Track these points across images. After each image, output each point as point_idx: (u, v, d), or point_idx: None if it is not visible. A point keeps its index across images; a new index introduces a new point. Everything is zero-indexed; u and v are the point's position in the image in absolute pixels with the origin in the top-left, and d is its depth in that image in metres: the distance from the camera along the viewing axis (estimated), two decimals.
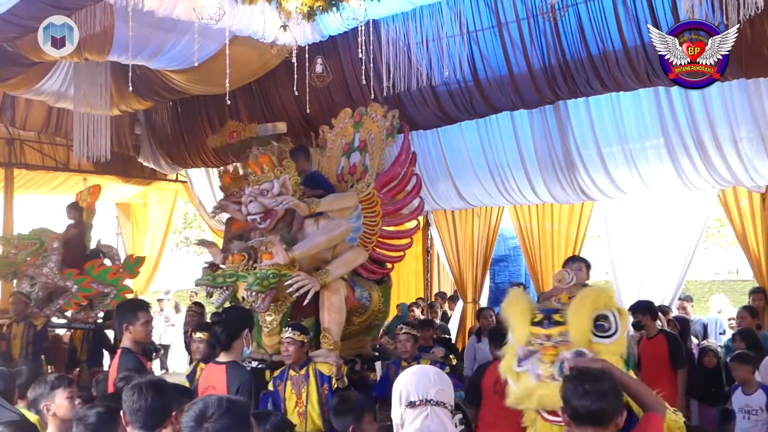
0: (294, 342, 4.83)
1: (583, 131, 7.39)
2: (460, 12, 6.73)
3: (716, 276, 22.09)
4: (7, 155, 10.36)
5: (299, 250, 5.42)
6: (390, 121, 6.08)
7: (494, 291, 10.89)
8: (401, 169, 6.08)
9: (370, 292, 5.95)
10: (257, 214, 5.53)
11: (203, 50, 6.67)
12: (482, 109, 7.37)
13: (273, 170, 5.67)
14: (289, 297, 5.34)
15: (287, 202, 5.43)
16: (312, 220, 5.68)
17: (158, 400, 2.69)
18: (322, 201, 5.61)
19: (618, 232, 8.68)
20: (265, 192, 5.55)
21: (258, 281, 5.12)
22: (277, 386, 4.94)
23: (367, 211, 5.91)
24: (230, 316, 3.98)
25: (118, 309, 4.69)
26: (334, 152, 6.43)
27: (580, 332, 2.95)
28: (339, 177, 6.27)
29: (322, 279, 5.42)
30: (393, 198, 6.08)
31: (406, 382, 2.39)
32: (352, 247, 5.80)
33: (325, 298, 5.47)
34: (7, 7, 5.41)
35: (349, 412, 3.32)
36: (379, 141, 6.09)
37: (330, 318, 5.45)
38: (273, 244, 5.38)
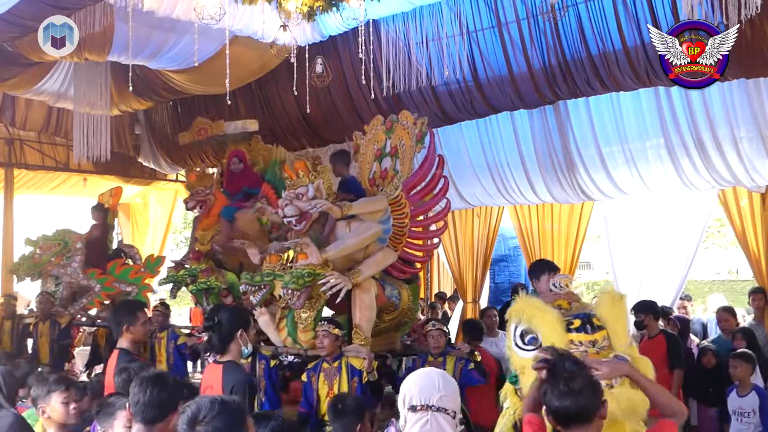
0: (329, 335, 5.22)
1: (583, 131, 7.39)
2: (460, 12, 6.73)
3: (716, 276, 22.12)
4: (7, 155, 10.37)
5: (332, 251, 5.70)
6: (419, 128, 6.26)
7: (494, 291, 10.88)
8: (428, 172, 6.26)
9: (399, 291, 6.19)
10: (293, 216, 5.82)
11: (203, 50, 6.67)
12: (482, 109, 7.37)
13: (308, 175, 5.95)
14: (323, 295, 5.62)
15: (321, 206, 5.73)
16: (344, 223, 5.94)
17: (158, 393, 2.70)
18: (354, 204, 5.89)
19: (618, 232, 8.67)
20: (300, 196, 5.84)
21: (294, 279, 5.42)
22: (311, 377, 5.31)
23: (396, 213, 6.13)
24: (222, 319, 3.97)
25: (116, 310, 4.71)
26: (366, 157, 6.63)
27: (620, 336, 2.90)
28: (371, 181, 6.49)
29: (354, 278, 5.66)
30: (421, 200, 6.26)
31: (411, 386, 2.36)
32: (383, 248, 6.05)
33: (356, 296, 5.73)
34: (7, 7, 5.41)
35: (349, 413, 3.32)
36: (409, 147, 6.28)
37: (361, 315, 5.71)
38: (308, 245, 5.67)
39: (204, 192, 7.79)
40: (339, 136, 8.74)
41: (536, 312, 2.93)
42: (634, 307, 6.49)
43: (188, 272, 7.32)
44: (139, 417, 2.73)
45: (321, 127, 8.64)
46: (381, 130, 6.57)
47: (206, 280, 7.22)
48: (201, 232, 7.83)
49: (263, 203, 7.69)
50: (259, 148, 8.20)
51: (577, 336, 2.84)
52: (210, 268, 7.38)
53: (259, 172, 8.10)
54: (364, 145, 6.68)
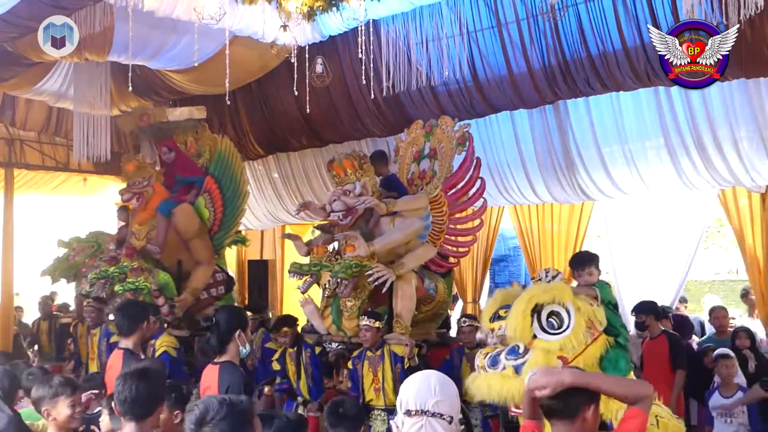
0: (370, 329, 5.59)
1: (583, 131, 7.38)
2: (460, 12, 6.73)
3: (716, 276, 22.07)
4: (7, 155, 10.36)
5: (379, 245, 6.10)
6: (461, 132, 6.59)
7: (494, 291, 10.88)
8: (466, 173, 6.62)
9: (436, 284, 6.55)
10: (340, 211, 6.28)
11: (203, 50, 6.67)
12: (482, 109, 7.37)
13: (355, 173, 6.40)
14: (367, 285, 6.00)
15: (368, 202, 6.16)
16: (388, 219, 6.37)
17: (143, 388, 2.69)
18: (398, 201, 6.31)
19: (618, 232, 8.66)
20: (348, 192, 6.28)
21: (343, 269, 5.82)
22: (356, 365, 5.73)
23: (435, 211, 6.51)
24: (220, 320, 3.97)
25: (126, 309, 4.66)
26: (404, 159, 7.03)
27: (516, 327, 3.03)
28: (409, 181, 6.88)
29: (397, 270, 6.04)
30: (458, 199, 6.60)
31: (407, 390, 2.33)
32: (423, 244, 6.45)
33: (398, 287, 6.09)
34: (7, 7, 5.42)
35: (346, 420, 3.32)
36: (448, 150, 6.62)
37: (402, 305, 6.07)
38: (356, 238, 6.06)
39: (141, 183, 7.50)
40: (339, 136, 8.74)
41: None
42: (635, 308, 6.49)
43: (119, 270, 7.03)
44: (129, 414, 2.72)
45: (321, 127, 8.64)
46: (420, 133, 6.95)
47: (134, 281, 6.88)
48: (137, 227, 7.57)
49: (206, 198, 7.64)
50: (205, 137, 8.04)
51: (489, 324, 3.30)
52: (140, 267, 7.05)
53: (204, 164, 7.90)
54: (403, 147, 7.07)
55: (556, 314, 3.10)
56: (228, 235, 7.99)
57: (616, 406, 2.67)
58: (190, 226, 7.50)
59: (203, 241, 7.64)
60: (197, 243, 7.59)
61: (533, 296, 3.13)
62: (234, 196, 7.84)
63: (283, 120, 8.73)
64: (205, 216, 7.66)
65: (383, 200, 6.30)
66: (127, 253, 7.19)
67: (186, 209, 7.54)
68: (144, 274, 7.01)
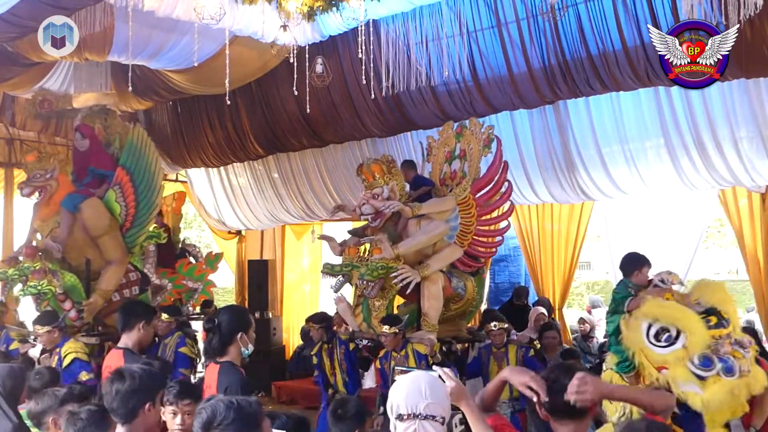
0: (388, 335, 5.84)
1: (583, 131, 7.39)
2: (460, 12, 6.73)
3: (716, 276, 22.06)
4: (7, 155, 10.35)
5: (403, 247, 6.39)
6: (487, 134, 6.78)
7: (494, 291, 10.87)
8: (495, 175, 6.81)
9: (465, 283, 6.79)
10: (369, 214, 6.56)
11: (203, 50, 6.67)
12: (482, 109, 7.36)
13: (383, 177, 6.69)
14: (394, 286, 6.30)
15: (394, 207, 6.43)
16: (415, 221, 6.61)
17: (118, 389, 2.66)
18: (424, 205, 6.54)
19: (618, 232, 8.67)
20: (377, 196, 6.56)
21: (369, 271, 6.13)
22: (384, 365, 6.00)
23: (464, 212, 6.72)
24: (222, 321, 3.96)
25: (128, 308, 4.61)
26: (437, 159, 7.25)
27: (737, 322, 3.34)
28: (441, 181, 7.09)
29: (422, 272, 6.31)
30: (487, 201, 6.82)
31: (397, 394, 2.32)
32: (450, 245, 6.68)
33: (425, 287, 6.35)
34: (7, 7, 5.41)
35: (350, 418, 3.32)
36: (476, 151, 6.81)
37: (429, 304, 6.33)
38: (382, 241, 6.35)
39: (43, 176, 7.02)
40: (339, 136, 8.74)
41: (677, 314, 3.29)
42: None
43: (19, 271, 6.51)
44: (115, 416, 2.70)
45: (321, 127, 8.64)
46: (452, 134, 7.16)
47: (36, 284, 6.35)
48: (39, 223, 7.10)
49: (117, 191, 7.13)
50: (115, 124, 7.66)
51: (717, 332, 3.23)
52: (44, 268, 6.49)
53: (114, 153, 7.44)
54: (436, 147, 7.28)
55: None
56: (142, 232, 7.45)
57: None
58: (99, 222, 6.97)
59: (114, 238, 7.12)
60: (107, 240, 7.07)
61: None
62: (148, 189, 7.34)
63: (283, 120, 8.72)
64: (116, 211, 7.13)
65: (409, 204, 6.56)
66: (27, 253, 6.65)
67: (95, 204, 7.02)
68: (48, 276, 6.47)
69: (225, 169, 10.61)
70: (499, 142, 6.84)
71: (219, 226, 11.57)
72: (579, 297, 17.67)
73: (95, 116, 7.67)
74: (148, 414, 2.68)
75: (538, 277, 9.50)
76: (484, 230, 6.91)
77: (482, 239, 6.96)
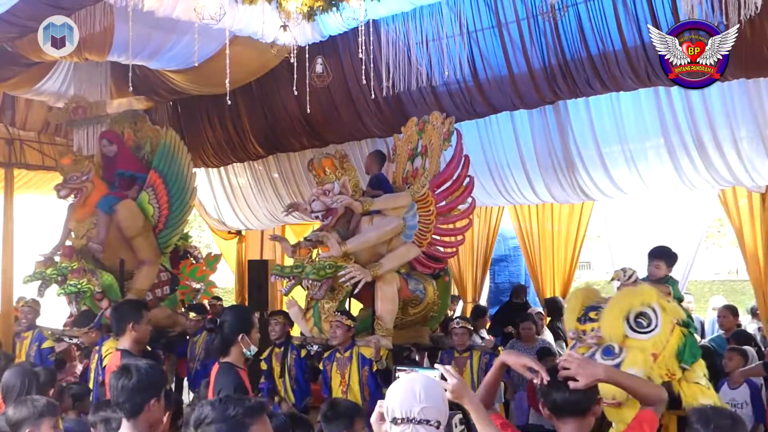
0: (341, 325, 5.54)
1: (583, 131, 7.38)
2: (460, 12, 6.73)
3: (716, 276, 22.08)
4: (7, 155, 10.34)
5: (352, 244, 6.03)
6: (446, 127, 6.49)
7: (494, 291, 10.88)
8: (455, 171, 6.50)
9: (424, 286, 6.42)
10: (320, 211, 6.19)
11: (203, 50, 6.66)
12: (482, 109, 7.36)
13: (335, 172, 6.34)
14: (345, 287, 5.95)
15: (342, 201, 6.09)
16: (368, 218, 6.27)
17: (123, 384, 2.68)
18: (376, 200, 6.23)
19: (618, 232, 8.67)
20: (327, 192, 6.20)
21: (314, 271, 5.77)
22: (326, 366, 5.68)
23: (423, 210, 6.37)
24: (225, 322, 3.95)
25: (119, 309, 4.62)
26: (401, 158, 6.97)
27: (611, 329, 3.33)
28: (404, 180, 6.78)
29: (373, 271, 5.95)
30: (447, 198, 6.48)
31: (392, 397, 2.29)
32: (405, 243, 6.33)
33: (378, 289, 6.04)
34: (7, 7, 5.41)
35: (340, 418, 3.32)
36: (436, 146, 6.52)
37: (383, 307, 6.01)
38: (328, 238, 6.00)
39: (79, 178, 7.17)
40: (339, 136, 8.74)
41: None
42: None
43: (57, 271, 6.65)
44: (121, 412, 2.72)
45: (321, 127, 8.64)
46: (414, 131, 6.91)
47: (76, 283, 6.50)
48: (75, 224, 7.23)
49: (150, 194, 7.29)
50: (145, 129, 7.77)
51: (577, 325, 3.56)
52: (82, 268, 6.68)
53: (145, 157, 7.57)
54: (400, 146, 7.04)
55: (644, 314, 3.41)
56: (175, 233, 7.63)
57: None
58: (134, 223, 7.14)
59: (147, 239, 7.29)
60: (141, 241, 7.24)
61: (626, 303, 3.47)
62: (180, 191, 7.51)
63: (284, 120, 8.72)
64: (149, 213, 7.29)
65: (360, 198, 6.20)
66: (64, 253, 6.81)
67: (129, 205, 7.17)
68: (87, 275, 6.62)
69: (225, 169, 10.60)
70: (460, 135, 6.55)
71: (219, 226, 11.57)
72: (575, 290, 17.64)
73: (124, 121, 7.79)
74: (153, 409, 2.70)
75: (538, 277, 9.50)
76: (445, 229, 6.55)
77: (443, 238, 6.60)
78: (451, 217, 6.57)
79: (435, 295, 6.52)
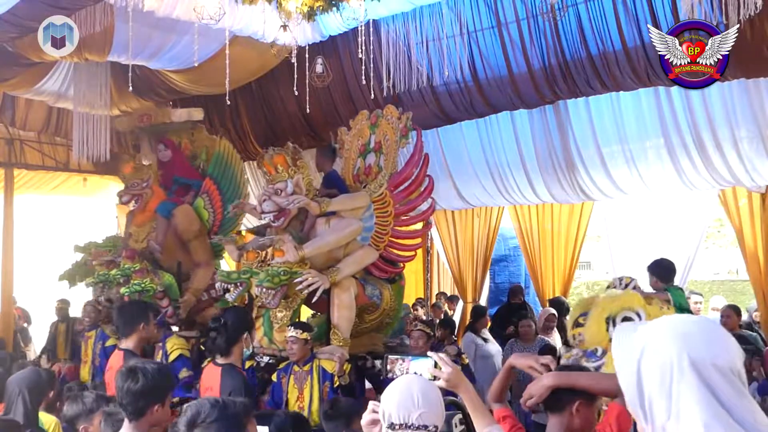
0: (297, 340, 5.06)
1: (583, 131, 7.39)
2: (460, 12, 6.72)
3: (716, 276, 22.09)
4: (7, 155, 10.35)
5: (309, 248, 5.54)
6: (404, 123, 6.17)
7: (494, 291, 10.89)
8: (414, 170, 6.18)
9: (381, 291, 6.06)
10: (271, 212, 5.70)
11: (203, 50, 6.66)
12: (482, 109, 7.36)
13: (287, 170, 5.83)
14: (299, 294, 5.46)
15: (298, 202, 5.60)
16: (324, 220, 5.82)
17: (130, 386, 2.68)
18: (334, 201, 5.76)
19: (618, 232, 8.68)
20: (279, 191, 5.71)
21: (269, 278, 5.20)
22: (281, 379, 5.15)
23: (380, 211, 6.01)
24: (228, 321, 3.95)
25: (125, 310, 4.64)
26: (350, 153, 6.54)
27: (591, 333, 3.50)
28: (355, 177, 6.40)
29: (331, 277, 5.52)
30: (405, 198, 6.16)
31: (389, 402, 2.26)
32: (363, 246, 5.92)
33: (335, 295, 5.60)
34: (7, 7, 5.41)
35: (340, 416, 3.32)
36: (393, 142, 6.17)
37: (340, 315, 5.56)
38: (284, 242, 5.48)
39: (140, 185, 7.45)
40: None
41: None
42: None
43: (121, 272, 6.83)
44: (125, 413, 2.72)
45: (321, 127, 8.63)
46: (366, 125, 6.49)
47: (140, 282, 6.68)
48: (135, 228, 7.52)
49: (205, 199, 7.51)
50: (202, 138, 7.97)
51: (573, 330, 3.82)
52: (145, 268, 6.89)
53: (201, 165, 7.83)
54: (348, 140, 6.60)
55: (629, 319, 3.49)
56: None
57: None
58: (191, 227, 7.42)
59: (203, 243, 7.55)
60: (197, 244, 7.51)
61: (605, 307, 3.61)
62: (234, 197, 7.76)
63: (284, 120, 8.72)
64: (204, 217, 7.58)
65: (317, 199, 5.77)
66: (127, 255, 7.06)
67: (186, 210, 7.47)
68: (149, 275, 6.87)
69: None
70: (419, 131, 6.27)
71: None
72: (579, 297, 17.67)
73: (183, 131, 7.96)
74: (156, 414, 2.70)
75: (538, 277, 9.51)
76: (402, 231, 6.23)
77: (401, 241, 6.25)
78: (409, 219, 6.26)
79: (391, 300, 6.17)
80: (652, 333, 1.35)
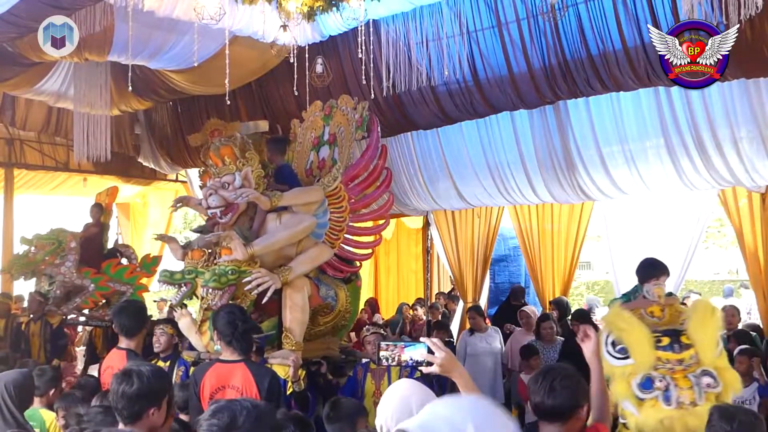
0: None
1: (583, 131, 7.39)
2: (460, 12, 6.72)
3: (716, 276, 22.10)
4: (7, 155, 10.37)
5: (259, 246, 5.23)
6: (360, 113, 5.96)
7: (494, 291, 10.89)
8: (370, 162, 5.90)
9: (336, 291, 5.77)
10: (217, 207, 5.37)
11: (203, 50, 6.67)
12: (482, 109, 7.36)
13: (235, 162, 5.51)
14: (249, 295, 5.11)
15: (247, 195, 5.28)
16: (275, 215, 5.50)
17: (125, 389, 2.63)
18: (285, 195, 5.46)
19: (618, 232, 8.67)
20: (226, 185, 5.39)
21: (215, 278, 4.92)
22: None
23: (334, 206, 5.73)
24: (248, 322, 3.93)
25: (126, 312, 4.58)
26: (303, 146, 6.29)
27: (708, 352, 2.99)
28: (307, 172, 6.14)
29: (283, 276, 5.22)
30: (362, 192, 5.90)
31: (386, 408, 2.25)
32: (317, 244, 5.60)
33: (287, 296, 5.28)
34: (7, 7, 5.41)
35: (342, 419, 3.32)
36: (348, 134, 5.95)
37: (292, 317, 5.25)
38: (232, 239, 5.16)
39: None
40: None
41: (626, 327, 3.03)
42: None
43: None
44: (120, 418, 2.68)
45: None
46: (319, 116, 6.28)
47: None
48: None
49: None
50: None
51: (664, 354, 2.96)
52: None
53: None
54: (301, 133, 6.37)
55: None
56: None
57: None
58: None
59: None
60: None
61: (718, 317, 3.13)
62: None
63: (284, 120, 8.71)
64: None
65: (267, 193, 5.42)
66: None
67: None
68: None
69: None
70: (376, 121, 6.01)
71: None
72: (579, 297, 17.70)
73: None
74: (152, 417, 2.66)
75: (538, 277, 9.50)
76: (358, 228, 5.95)
77: (357, 238, 5.98)
78: (366, 214, 5.98)
79: (347, 301, 5.85)
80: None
